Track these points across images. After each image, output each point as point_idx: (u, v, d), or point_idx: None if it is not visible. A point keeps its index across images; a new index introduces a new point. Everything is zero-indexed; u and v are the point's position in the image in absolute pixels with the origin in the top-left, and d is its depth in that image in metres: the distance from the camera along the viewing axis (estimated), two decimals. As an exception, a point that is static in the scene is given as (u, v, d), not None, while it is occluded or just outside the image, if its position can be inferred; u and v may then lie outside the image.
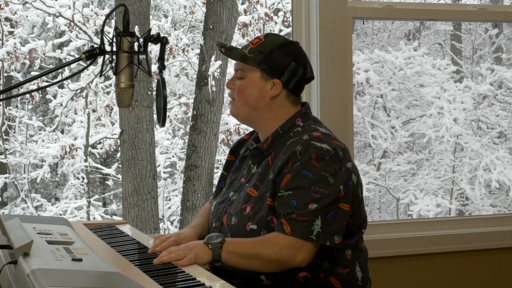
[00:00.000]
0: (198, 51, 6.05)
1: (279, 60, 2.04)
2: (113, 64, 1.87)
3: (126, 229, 2.28)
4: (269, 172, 2.01)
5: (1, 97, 3.45)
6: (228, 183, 2.19)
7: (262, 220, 1.96)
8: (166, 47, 1.93)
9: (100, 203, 7.01)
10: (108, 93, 6.06)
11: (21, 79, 6.17)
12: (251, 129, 2.25)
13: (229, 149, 2.34)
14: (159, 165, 6.31)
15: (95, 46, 1.86)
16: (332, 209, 1.90)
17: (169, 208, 6.59)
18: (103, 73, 1.92)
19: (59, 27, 5.79)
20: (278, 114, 2.07)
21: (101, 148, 6.44)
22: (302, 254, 1.88)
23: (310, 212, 1.88)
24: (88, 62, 1.89)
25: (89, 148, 6.30)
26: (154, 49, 5.42)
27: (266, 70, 2.04)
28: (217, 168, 6.33)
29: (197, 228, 2.16)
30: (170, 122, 6.28)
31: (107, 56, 1.88)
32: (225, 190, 2.18)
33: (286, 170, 1.95)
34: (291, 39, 2.16)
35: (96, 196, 7.05)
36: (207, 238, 1.91)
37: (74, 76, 5.20)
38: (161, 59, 1.91)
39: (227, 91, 5.94)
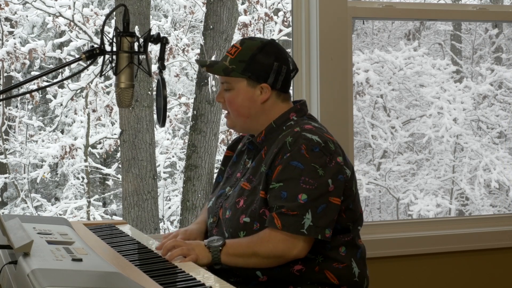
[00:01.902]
0: (198, 51, 6.05)
1: (262, 64, 2.03)
2: (113, 64, 1.87)
3: (126, 229, 2.28)
4: (261, 165, 2.03)
5: (1, 97, 3.45)
6: (225, 178, 2.21)
7: (254, 212, 1.97)
8: (166, 47, 1.93)
9: (100, 203, 7.01)
10: (108, 93, 6.06)
11: (21, 79, 6.17)
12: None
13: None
14: (159, 165, 6.31)
15: (95, 46, 1.86)
16: (322, 202, 1.91)
17: (169, 208, 6.59)
18: (103, 73, 1.92)
19: (59, 27, 5.79)
20: (272, 114, 2.08)
21: (101, 148, 6.44)
22: (297, 247, 1.91)
23: (300, 206, 1.89)
24: (88, 62, 1.89)
25: (89, 148, 6.30)
26: (154, 49, 5.42)
27: (251, 77, 2.03)
28: (217, 168, 6.32)
29: (202, 224, 2.18)
30: (170, 122, 6.28)
31: (107, 56, 1.88)
32: (222, 185, 2.20)
33: (277, 162, 1.96)
34: (266, 38, 2.17)
35: (96, 196, 7.05)
36: (208, 241, 1.93)
37: (74, 76, 5.20)
38: (161, 59, 1.91)
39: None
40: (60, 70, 5.48)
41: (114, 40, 1.87)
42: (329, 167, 1.94)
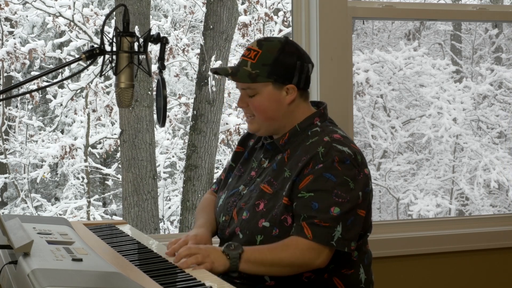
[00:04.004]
0: (198, 51, 6.05)
1: (285, 66, 2.01)
2: (113, 64, 1.87)
3: (126, 229, 2.28)
4: (284, 169, 2.00)
5: (1, 97, 3.45)
6: (237, 176, 2.17)
7: (275, 218, 1.95)
8: (166, 47, 1.92)
9: (100, 203, 7.01)
10: (108, 93, 6.06)
11: (21, 79, 6.18)
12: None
13: (233, 147, 2.34)
14: (159, 165, 6.31)
15: (95, 46, 1.86)
16: (351, 215, 1.91)
17: (169, 208, 6.60)
18: (103, 73, 1.91)
19: (59, 27, 5.79)
20: (296, 115, 2.06)
21: (101, 148, 6.44)
22: (322, 256, 1.89)
23: (332, 218, 1.88)
24: (88, 62, 1.88)
25: (89, 148, 6.30)
26: (154, 49, 5.42)
27: (277, 80, 2.01)
28: (217, 168, 6.33)
29: (209, 226, 2.12)
30: (170, 122, 6.28)
31: (107, 56, 1.87)
32: (234, 183, 2.15)
33: (307, 171, 1.93)
34: (281, 36, 2.13)
35: (96, 196, 7.05)
36: (225, 247, 1.87)
37: (74, 76, 5.20)
38: (161, 59, 1.90)
39: (227, 91, 5.98)
40: (60, 70, 5.48)
41: (114, 40, 1.87)
42: (358, 179, 1.93)
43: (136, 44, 1.88)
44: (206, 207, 2.22)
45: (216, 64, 5.64)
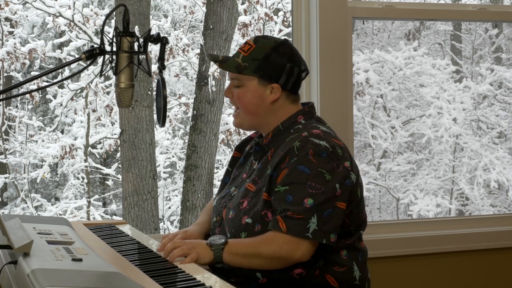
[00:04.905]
0: (198, 51, 6.05)
1: (275, 64, 2.03)
2: (113, 64, 1.87)
3: (126, 229, 2.28)
4: (267, 167, 2.02)
5: (1, 97, 3.45)
6: (231, 179, 2.21)
7: (257, 214, 1.97)
8: (166, 47, 1.92)
9: (100, 203, 7.01)
10: (108, 93, 6.06)
11: (21, 79, 6.18)
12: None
13: (233, 147, 2.37)
14: (159, 165, 6.31)
15: (95, 46, 1.86)
16: (328, 207, 1.91)
17: (169, 208, 6.60)
18: (103, 73, 1.91)
19: (59, 27, 5.80)
20: (280, 115, 2.08)
21: (101, 148, 6.44)
22: (301, 249, 1.90)
23: (306, 209, 1.89)
24: (88, 62, 1.89)
25: (89, 148, 6.30)
26: (154, 49, 5.42)
27: (263, 76, 2.03)
28: (217, 168, 6.33)
29: (203, 225, 2.18)
30: (170, 122, 6.28)
31: (107, 56, 1.87)
32: (228, 185, 2.20)
33: (283, 165, 1.96)
34: (280, 38, 2.16)
35: (96, 196, 7.05)
36: (210, 239, 1.92)
37: (74, 76, 5.20)
38: (161, 59, 1.91)
39: (227, 91, 5.97)
40: (60, 70, 5.48)
41: (114, 40, 1.87)
42: (337, 172, 1.93)
43: (136, 44, 1.89)
44: (208, 210, 2.27)
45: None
